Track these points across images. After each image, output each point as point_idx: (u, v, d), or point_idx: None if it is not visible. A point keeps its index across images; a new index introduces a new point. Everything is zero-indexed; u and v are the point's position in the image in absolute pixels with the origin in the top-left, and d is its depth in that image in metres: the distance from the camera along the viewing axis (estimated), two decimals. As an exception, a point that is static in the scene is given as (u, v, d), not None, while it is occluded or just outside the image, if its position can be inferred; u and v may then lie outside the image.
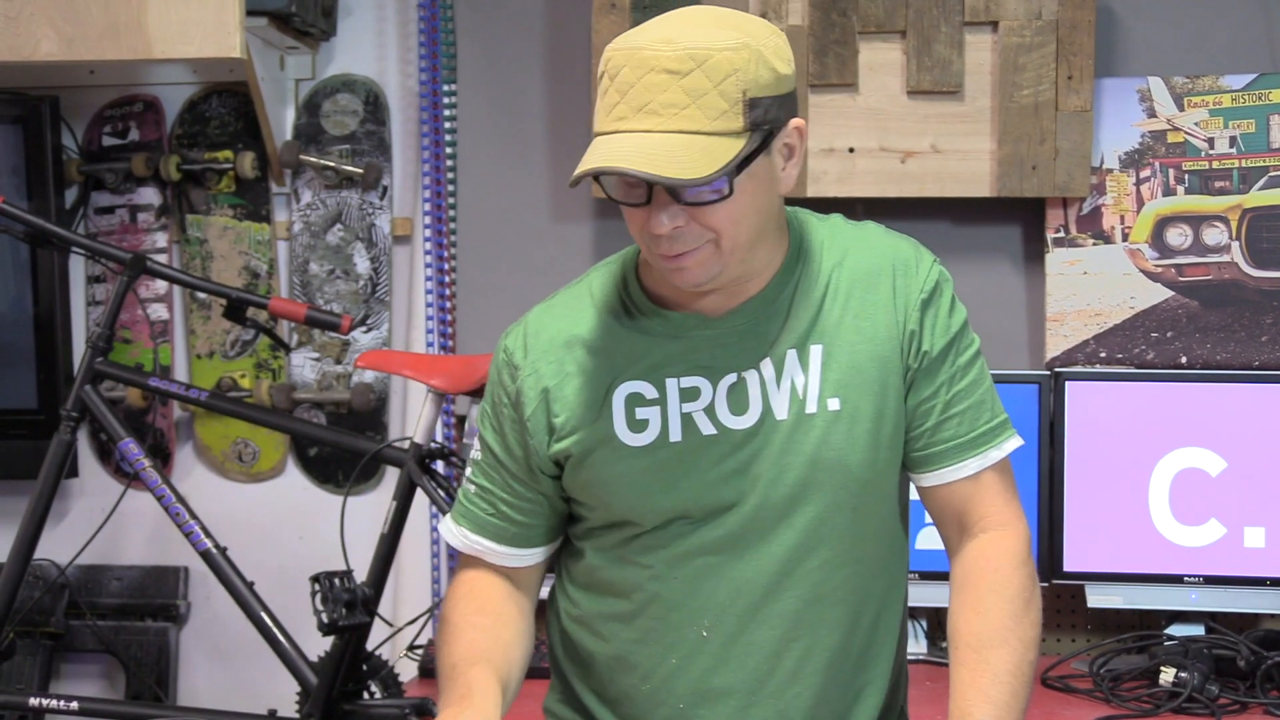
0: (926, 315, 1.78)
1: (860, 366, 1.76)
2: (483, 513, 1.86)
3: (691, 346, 1.77)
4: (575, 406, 1.78)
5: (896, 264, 1.80)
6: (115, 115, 3.43)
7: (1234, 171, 3.03)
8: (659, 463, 1.76)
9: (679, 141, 1.58)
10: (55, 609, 3.38)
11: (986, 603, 1.76)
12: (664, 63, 1.58)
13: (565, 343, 1.80)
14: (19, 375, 3.34)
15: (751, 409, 1.75)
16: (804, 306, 1.77)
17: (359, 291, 3.36)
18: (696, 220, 1.64)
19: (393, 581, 3.26)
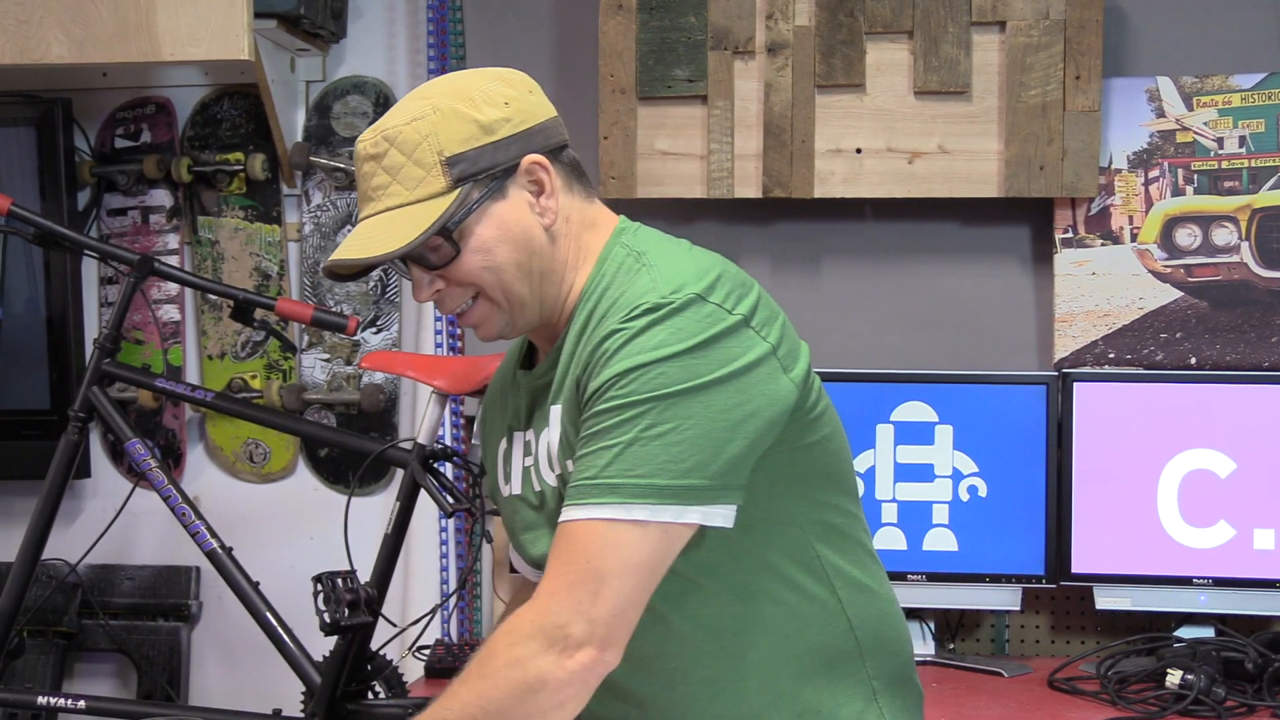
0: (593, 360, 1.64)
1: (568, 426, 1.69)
2: None
3: (522, 399, 1.82)
4: (486, 454, 1.92)
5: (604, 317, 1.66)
6: (127, 117, 3.45)
7: (1243, 171, 3.02)
8: (516, 513, 1.83)
9: (383, 220, 1.67)
10: (68, 608, 3.40)
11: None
12: (367, 150, 1.70)
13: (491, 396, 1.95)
14: (32, 376, 3.36)
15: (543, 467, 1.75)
16: (564, 361, 1.71)
17: (369, 293, 3.37)
18: (452, 280, 1.70)
19: (401, 582, 3.27)
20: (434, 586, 3.29)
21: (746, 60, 3.07)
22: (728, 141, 3.07)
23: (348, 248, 1.68)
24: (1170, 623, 2.96)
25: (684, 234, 3.16)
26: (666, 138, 3.11)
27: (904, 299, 3.18)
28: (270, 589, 2.93)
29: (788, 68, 3.05)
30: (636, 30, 3.08)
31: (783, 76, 3.05)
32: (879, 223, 3.16)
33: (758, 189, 3.08)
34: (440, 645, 3.02)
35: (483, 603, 3.32)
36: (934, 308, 3.13)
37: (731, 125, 3.07)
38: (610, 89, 3.10)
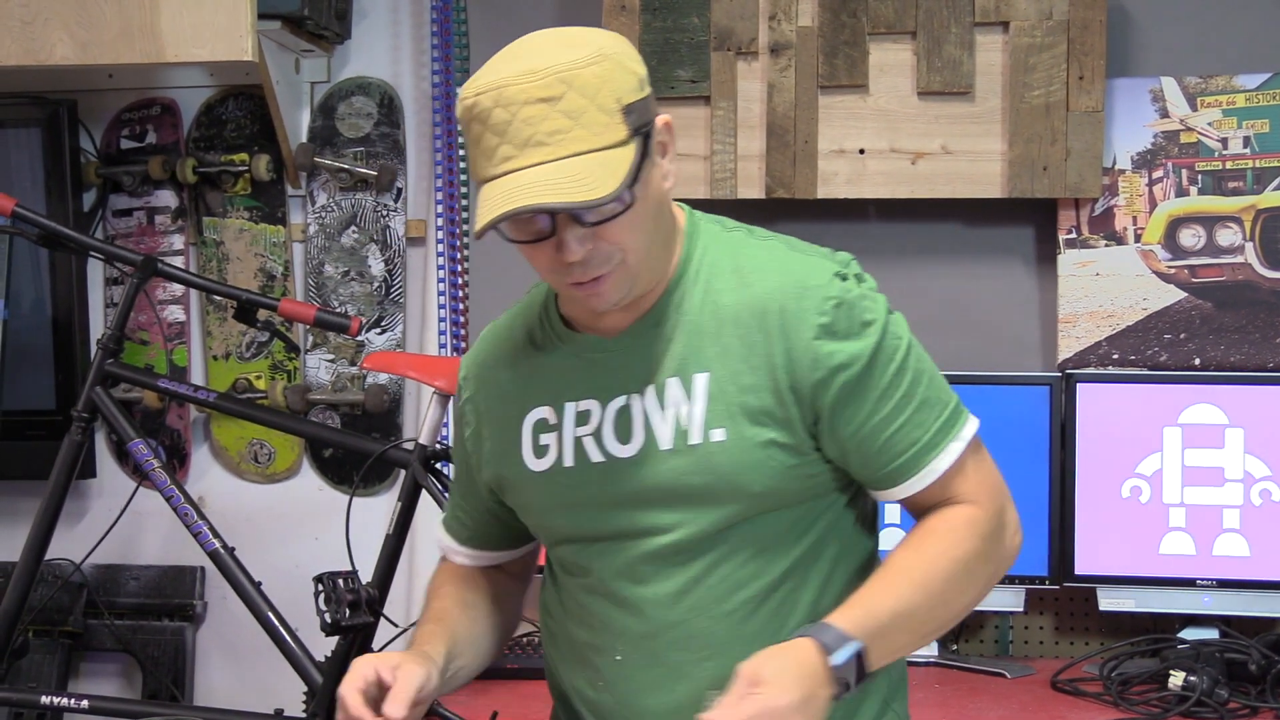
0: (822, 340, 1.69)
1: (746, 396, 1.70)
2: (450, 514, 1.98)
3: (587, 369, 1.76)
4: (497, 434, 1.84)
5: (792, 291, 1.70)
6: (133, 118, 3.46)
7: (1248, 172, 3.01)
8: (555, 488, 1.79)
9: (577, 165, 1.56)
10: (73, 608, 3.41)
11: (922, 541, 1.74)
12: (533, 92, 1.55)
13: (493, 366, 1.86)
14: (37, 376, 3.38)
15: (635, 437, 1.73)
16: (689, 330, 1.72)
17: (373, 293, 3.37)
18: (603, 239, 1.61)
19: (406, 582, 3.27)
20: (438, 586, 3.29)
21: (749, 61, 3.07)
22: (731, 142, 3.07)
23: (535, 193, 1.54)
24: (1174, 624, 2.95)
25: (687, 235, 3.20)
26: (670, 138, 3.10)
27: (907, 300, 3.10)
28: (275, 589, 2.94)
29: (791, 68, 3.05)
30: (639, 31, 3.08)
31: (786, 77, 3.05)
32: (882, 223, 3.16)
33: (761, 190, 3.08)
34: (442, 645, 3.01)
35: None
36: (937, 308, 3.12)
37: (734, 126, 3.07)
38: (613, 90, 3.10)
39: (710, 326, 1.72)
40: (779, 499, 1.73)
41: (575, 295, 1.67)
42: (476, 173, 1.61)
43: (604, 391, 1.75)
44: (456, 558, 1.97)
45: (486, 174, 1.58)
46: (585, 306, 1.70)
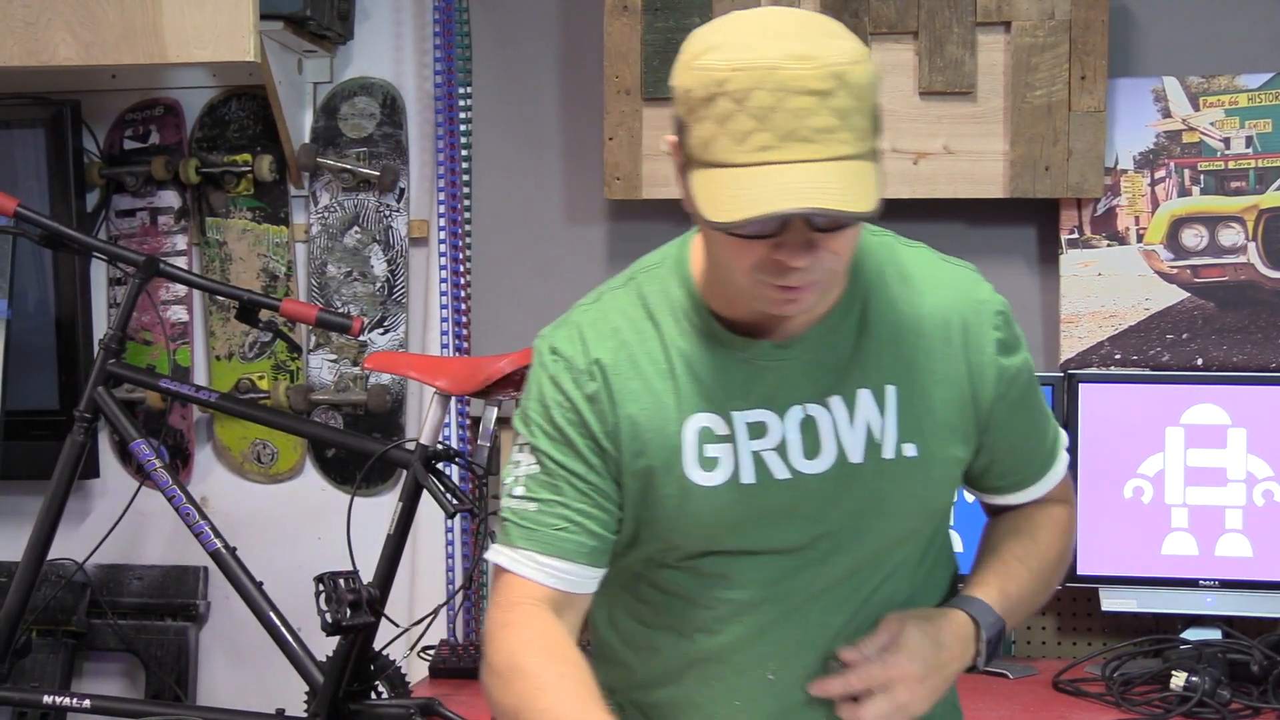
0: (1000, 355, 1.70)
1: (935, 411, 1.67)
2: (553, 529, 1.64)
3: (756, 376, 1.64)
4: (647, 433, 1.65)
5: (966, 302, 1.69)
6: (136, 119, 3.47)
7: (1250, 172, 3.01)
8: (728, 504, 1.65)
9: (840, 170, 1.43)
10: (77, 608, 3.42)
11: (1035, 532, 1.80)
12: (807, 83, 1.41)
13: (631, 359, 1.66)
14: (41, 376, 3.38)
15: (825, 452, 1.65)
16: (869, 339, 1.66)
17: (376, 293, 3.37)
18: (825, 248, 1.49)
19: (408, 582, 3.28)
20: (440, 587, 3.29)
21: (751, 61, 3.07)
22: (733, 142, 3.07)
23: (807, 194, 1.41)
24: (1177, 625, 2.95)
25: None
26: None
27: (909, 300, 3.17)
28: (278, 589, 2.94)
29: (792, 68, 3.04)
30: (641, 31, 3.08)
31: (787, 77, 3.04)
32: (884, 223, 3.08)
33: (763, 190, 3.07)
34: (445, 645, 3.03)
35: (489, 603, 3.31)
36: (939, 308, 3.12)
37: (736, 126, 3.07)
38: (615, 90, 3.11)
39: (890, 336, 1.66)
40: (945, 514, 1.77)
41: (769, 298, 1.54)
42: (711, 151, 1.45)
43: (778, 402, 1.64)
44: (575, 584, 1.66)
45: (731, 158, 1.44)
46: (773, 311, 1.57)
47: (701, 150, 1.46)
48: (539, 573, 1.64)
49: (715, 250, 1.57)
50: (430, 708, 2.66)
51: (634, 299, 1.69)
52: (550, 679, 1.58)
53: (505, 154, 3.30)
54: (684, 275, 1.68)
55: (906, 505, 1.68)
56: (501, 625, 1.63)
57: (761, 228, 1.46)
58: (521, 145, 3.29)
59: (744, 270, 1.52)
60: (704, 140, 1.46)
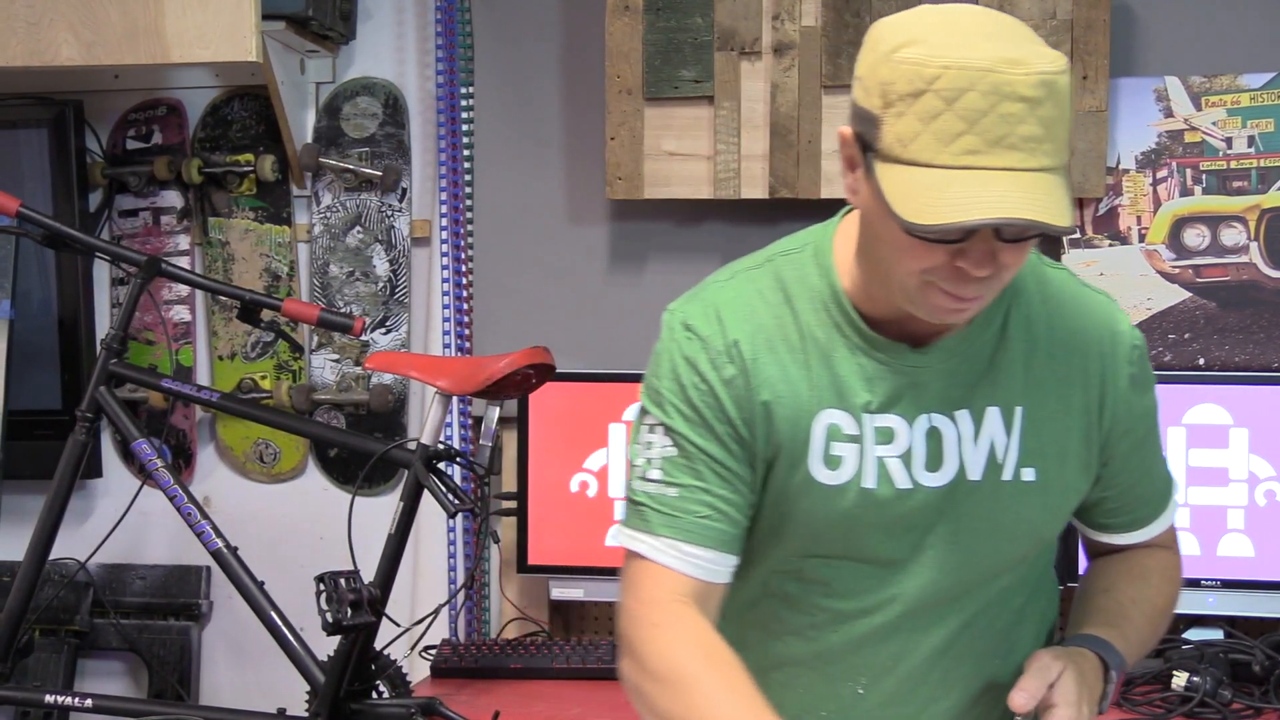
0: (1133, 391, 1.67)
1: (1059, 437, 1.64)
2: (697, 516, 1.59)
3: (891, 380, 1.60)
4: (780, 422, 1.60)
5: (1104, 332, 1.66)
6: (139, 119, 3.47)
7: (1252, 171, 3.00)
8: (844, 506, 1.62)
9: (1044, 181, 1.40)
10: (80, 607, 3.43)
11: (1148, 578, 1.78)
12: (1019, 89, 1.38)
13: (769, 343, 1.61)
14: (43, 376, 3.39)
15: (947, 465, 1.62)
16: (1010, 358, 1.63)
17: (378, 293, 3.38)
18: (1004, 261, 1.46)
19: (411, 582, 3.29)
20: (443, 586, 3.30)
21: (753, 61, 3.07)
22: (734, 142, 3.07)
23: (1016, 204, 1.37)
24: (1179, 625, 2.94)
25: (691, 235, 3.21)
26: (673, 138, 3.11)
27: (911, 300, 3.17)
28: (280, 588, 2.95)
29: (794, 68, 3.05)
30: (643, 31, 3.08)
31: (789, 77, 3.05)
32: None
33: (764, 190, 3.07)
34: (447, 645, 3.02)
35: (490, 603, 3.32)
36: (941, 308, 3.12)
37: (738, 126, 3.07)
38: (617, 90, 3.11)
39: (1024, 355, 1.63)
40: (1053, 543, 1.74)
41: (936, 305, 1.50)
42: (910, 149, 1.41)
43: (909, 408, 1.60)
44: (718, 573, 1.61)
45: (934, 159, 1.39)
46: (936, 318, 1.53)
47: (898, 146, 1.42)
48: (684, 563, 1.59)
49: (881, 249, 1.51)
50: (431, 707, 2.66)
51: (771, 281, 1.64)
52: (720, 690, 1.53)
53: (507, 154, 3.30)
54: (825, 265, 1.63)
55: (1017, 529, 1.65)
56: (652, 625, 1.57)
57: (950, 233, 1.42)
58: (523, 145, 3.29)
59: (915, 273, 1.47)
60: (902, 136, 1.41)
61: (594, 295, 3.27)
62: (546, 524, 3.11)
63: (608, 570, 3.04)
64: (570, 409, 3.10)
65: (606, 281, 3.27)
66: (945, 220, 1.38)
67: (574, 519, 3.10)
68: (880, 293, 1.56)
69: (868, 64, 1.46)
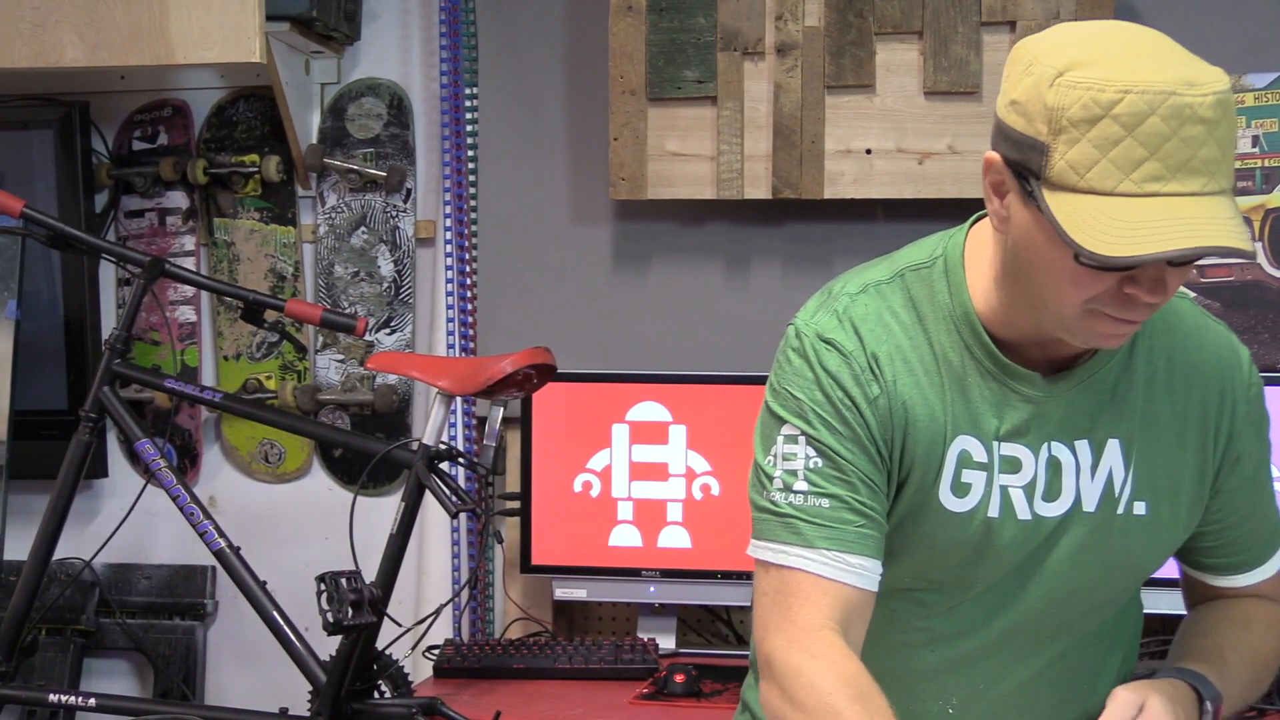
0: (1249, 428, 1.66)
1: (1172, 472, 1.63)
2: (855, 526, 1.56)
3: (1018, 408, 1.58)
4: (917, 445, 1.59)
5: (1224, 367, 1.65)
6: (144, 120, 3.48)
7: (1256, 171, 2.99)
8: (970, 536, 1.60)
9: (1225, 205, 1.37)
10: (85, 607, 3.44)
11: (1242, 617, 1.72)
12: (1200, 111, 1.35)
13: (907, 364, 1.59)
14: (49, 376, 3.40)
15: (1064, 495, 1.61)
16: (1132, 389, 1.61)
17: (383, 294, 3.38)
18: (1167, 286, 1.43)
19: (415, 581, 3.28)
20: (447, 586, 3.30)
21: (756, 61, 3.07)
22: (737, 142, 3.07)
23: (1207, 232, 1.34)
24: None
25: (694, 236, 3.21)
26: (676, 139, 3.11)
27: (915, 300, 3.16)
28: (284, 588, 2.96)
29: (797, 69, 3.05)
30: (646, 32, 3.08)
31: (792, 77, 3.05)
32: (890, 224, 3.15)
33: (767, 190, 3.07)
34: (450, 645, 3.03)
35: (494, 603, 3.32)
36: (945, 309, 3.11)
37: (741, 126, 3.07)
38: (620, 90, 3.11)
39: (1144, 386, 1.62)
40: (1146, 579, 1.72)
41: (1098, 332, 1.47)
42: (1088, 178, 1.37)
43: (1035, 438, 1.59)
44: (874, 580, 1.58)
45: (1115, 187, 1.36)
46: (1093, 344, 1.52)
47: (1071, 175, 1.38)
48: (847, 573, 1.55)
49: (1039, 278, 1.47)
50: (432, 707, 2.67)
51: (903, 299, 1.61)
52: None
53: (511, 154, 3.30)
54: (956, 282, 1.60)
55: (1125, 563, 1.64)
56: (808, 655, 1.51)
57: (1141, 264, 1.39)
58: (527, 146, 3.29)
59: (1078, 303, 1.44)
60: (1077, 165, 1.37)
61: (598, 296, 3.27)
62: (550, 524, 3.11)
63: (610, 571, 3.08)
64: (574, 409, 3.10)
65: (610, 282, 3.27)
66: (1139, 252, 1.34)
67: (577, 519, 3.10)
68: (1024, 320, 1.54)
69: (1025, 87, 1.41)
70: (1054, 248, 1.41)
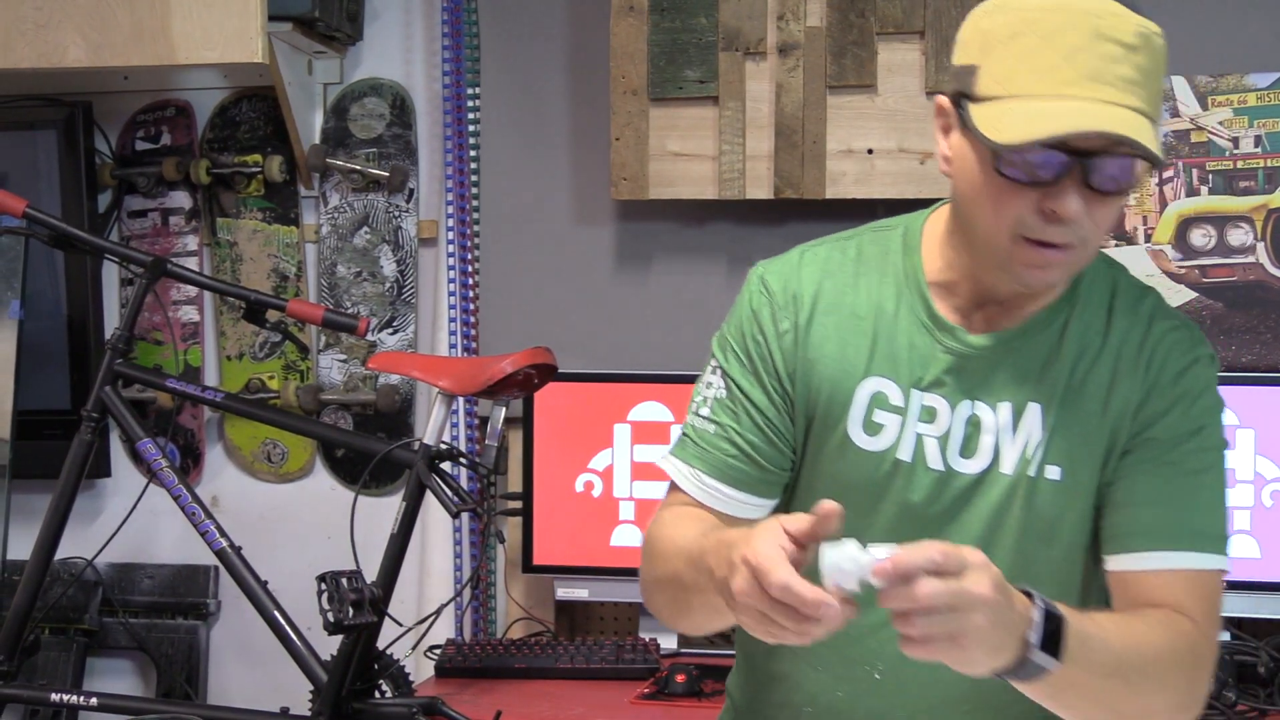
0: (1177, 402, 1.63)
1: (1090, 441, 1.64)
2: (723, 454, 1.69)
3: (944, 360, 1.65)
4: (823, 381, 1.67)
5: (1162, 341, 1.65)
6: (147, 120, 3.49)
7: (1259, 171, 2.99)
8: (879, 477, 1.65)
9: (1139, 120, 1.45)
10: (89, 606, 3.44)
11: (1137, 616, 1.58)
12: (1118, 34, 1.45)
13: (832, 305, 1.68)
14: (52, 376, 3.40)
15: (981, 454, 1.64)
16: (1059, 361, 1.64)
17: (385, 294, 3.38)
18: (1092, 214, 1.50)
19: (417, 581, 3.29)
20: (449, 586, 3.30)
21: (758, 61, 3.07)
22: (739, 142, 3.07)
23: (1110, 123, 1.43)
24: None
25: (695, 235, 3.21)
26: (678, 139, 3.11)
27: (917, 300, 3.16)
28: (287, 588, 2.96)
29: (799, 68, 3.05)
30: (648, 32, 3.09)
31: (794, 77, 3.05)
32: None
33: (769, 190, 3.07)
34: (451, 645, 3.03)
35: (496, 603, 3.33)
36: (946, 309, 3.11)
37: (743, 126, 3.07)
38: (622, 90, 3.11)
39: (1072, 358, 1.64)
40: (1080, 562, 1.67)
41: (1022, 259, 1.53)
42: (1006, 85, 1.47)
43: (954, 391, 1.65)
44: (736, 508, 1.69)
45: (1029, 89, 1.46)
46: (1021, 278, 1.55)
47: (993, 86, 1.48)
48: (701, 493, 1.70)
49: (972, 209, 1.55)
50: (433, 707, 2.67)
51: (855, 251, 1.72)
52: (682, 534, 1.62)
53: (513, 154, 3.31)
54: (912, 243, 1.70)
55: (1041, 530, 1.63)
56: (655, 522, 1.70)
57: (1040, 171, 1.47)
58: (529, 146, 3.29)
59: (1005, 225, 1.51)
60: (999, 76, 1.48)
61: (599, 295, 3.27)
62: (551, 524, 3.11)
63: (613, 570, 3.08)
64: (576, 409, 3.10)
65: (612, 282, 3.27)
66: (1035, 135, 1.43)
67: (579, 519, 3.10)
68: (965, 273, 1.62)
69: (968, 24, 1.56)
70: (982, 167, 1.51)
